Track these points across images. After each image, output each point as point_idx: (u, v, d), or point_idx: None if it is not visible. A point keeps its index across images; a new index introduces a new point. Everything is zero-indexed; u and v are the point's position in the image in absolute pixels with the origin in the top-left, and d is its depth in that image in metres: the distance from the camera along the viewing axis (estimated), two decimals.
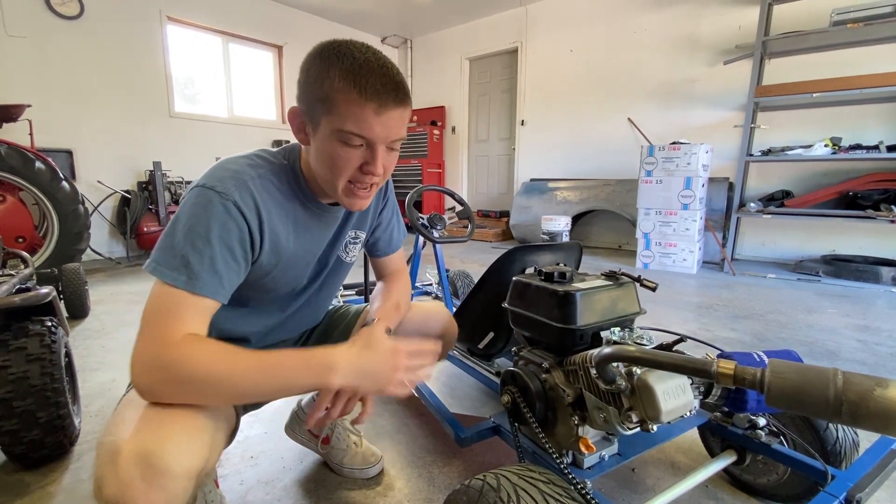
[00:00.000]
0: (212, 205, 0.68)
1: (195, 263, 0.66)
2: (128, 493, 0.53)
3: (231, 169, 0.73)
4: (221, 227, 0.68)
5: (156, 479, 0.54)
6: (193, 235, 0.67)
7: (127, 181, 4.31)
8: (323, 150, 0.73)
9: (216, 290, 0.68)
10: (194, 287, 0.65)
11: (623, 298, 0.92)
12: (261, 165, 0.77)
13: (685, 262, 3.72)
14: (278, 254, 0.79)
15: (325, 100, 0.68)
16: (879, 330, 2.29)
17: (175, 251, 0.66)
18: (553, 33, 5.36)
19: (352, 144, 0.71)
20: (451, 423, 1.06)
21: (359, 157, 0.72)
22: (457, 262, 4.01)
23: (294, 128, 0.76)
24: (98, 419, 1.42)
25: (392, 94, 0.68)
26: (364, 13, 5.75)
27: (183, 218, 0.68)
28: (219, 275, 0.68)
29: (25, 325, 1.17)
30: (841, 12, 3.32)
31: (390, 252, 1.09)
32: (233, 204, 0.69)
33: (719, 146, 4.19)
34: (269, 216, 0.75)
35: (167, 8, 4.48)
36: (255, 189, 0.73)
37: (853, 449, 0.95)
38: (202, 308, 0.67)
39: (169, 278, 0.65)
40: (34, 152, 3.03)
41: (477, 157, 6.52)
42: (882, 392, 0.45)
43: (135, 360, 0.62)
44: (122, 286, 3.15)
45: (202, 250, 0.67)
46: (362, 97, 0.67)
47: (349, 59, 0.67)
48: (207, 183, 0.70)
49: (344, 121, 0.68)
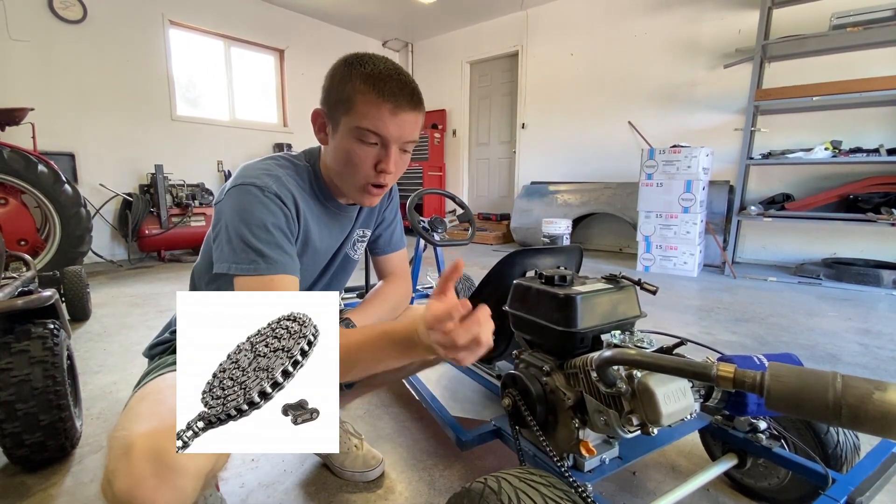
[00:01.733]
0: (257, 199, 0.75)
1: (266, 250, 0.73)
2: (138, 488, 0.53)
3: (262, 168, 0.80)
4: (273, 215, 0.75)
5: (167, 476, 0.55)
6: (253, 227, 0.73)
7: (129, 184, 4.32)
8: (341, 148, 0.79)
9: (293, 267, 0.76)
10: (275, 269, 0.73)
11: (623, 302, 0.92)
12: (286, 166, 0.84)
13: (686, 265, 3.72)
14: (307, 244, 0.86)
15: (345, 101, 0.75)
16: (881, 333, 2.29)
17: (242, 247, 0.72)
18: (554, 37, 5.38)
19: (368, 142, 0.77)
20: (452, 427, 1.06)
21: (374, 155, 0.78)
22: None
23: (316, 127, 0.84)
24: (99, 422, 1.42)
25: (408, 98, 0.75)
26: (366, 17, 5.77)
27: (235, 217, 0.74)
28: (289, 254, 0.76)
29: (28, 328, 1.18)
30: (841, 16, 3.33)
31: (391, 251, 1.10)
32: (274, 195, 0.76)
33: (720, 149, 4.19)
34: (302, 207, 0.82)
35: (170, 12, 4.50)
36: (286, 180, 0.80)
37: (854, 452, 0.95)
38: (287, 285, 0.74)
39: (249, 270, 0.72)
40: (37, 155, 3.04)
41: (478, 160, 6.54)
42: (881, 395, 0.45)
43: None
44: (123, 289, 3.16)
45: (267, 239, 0.74)
46: (380, 98, 0.74)
47: (370, 66, 0.75)
48: (245, 181, 0.76)
49: (361, 119, 0.75)
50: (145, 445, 0.55)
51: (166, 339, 0.89)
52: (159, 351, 0.88)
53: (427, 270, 3.08)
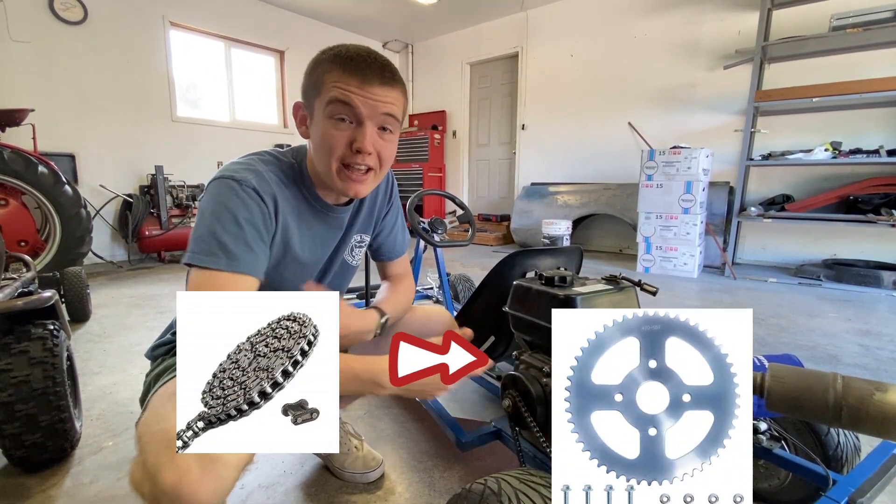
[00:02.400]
0: (233, 191, 0.74)
1: (231, 244, 0.71)
2: (185, 480, 0.55)
3: (244, 162, 0.79)
4: (246, 209, 0.74)
5: (211, 467, 0.57)
6: (223, 220, 0.72)
7: (129, 185, 4.33)
8: (316, 134, 0.79)
9: (255, 267, 0.74)
10: (236, 266, 0.71)
11: (624, 302, 0.92)
12: (270, 162, 0.83)
13: (686, 266, 3.72)
14: (286, 244, 0.83)
15: (316, 83, 0.77)
16: (881, 334, 2.29)
17: (208, 238, 0.71)
18: (553, 38, 5.38)
19: (339, 119, 0.76)
20: (452, 428, 1.06)
21: (348, 134, 0.77)
22: (458, 266, 4.02)
23: (297, 121, 0.83)
24: (99, 423, 1.42)
25: (377, 73, 0.75)
26: (366, 18, 5.78)
27: (209, 208, 0.73)
28: (255, 252, 0.74)
29: (28, 329, 1.17)
30: (840, 17, 3.34)
31: (395, 256, 1.10)
32: (252, 189, 0.75)
33: (720, 150, 4.20)
34: (281, 205, 0.80)
35: (170, 13, 4.51)
36: (269, 178, 0.79)
37: (855, 453, 0.94)
38: (246, 286, 0.72)
39: (209, 263, 0.70)
40: (37, 156, 3.05)
41: (478, 161, 6.54)
42: (882, 396, 0.45)
43: None
44: (123, 290, 3.16)
45: (235, 232, 0.72)
46: (346, 73, 0.74)
47: (340, 48, 0.76)
48: (225, 175, 0.76)
49: (328, 93, 0.75)
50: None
51: (168, 341, 0.88)
52: (162, 352, 0.88)
53: (427, 271, 3.08)
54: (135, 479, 0.60)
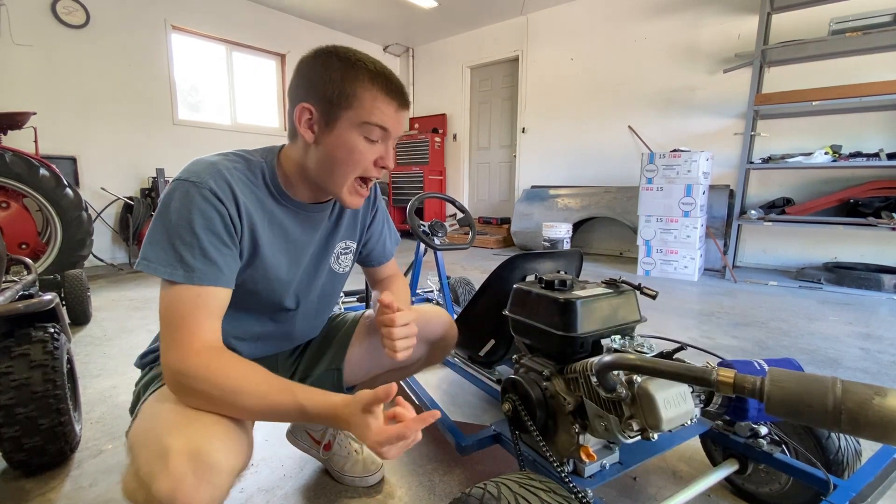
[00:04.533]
0: (189, 196, 0.70)
1: (188, 256, 0.68)
2: (180, 488, 0.55)
3: (206, 162, 0.75)
4: (202, 215, 0.70)
5: (206, 474, 0.57)
6: (179, 229, 0.69)
7: (130, 188, 4.34)
8: (340, 144, 0.77)
9: (217, 277, 0.71)
10: (194, 279, 0.68)
11: (624, 306, 0.92)
12: (235, 160, 0.79)
13: (686, 269, 3.72)
14: (256, 245, 0.79)
15: (349, 96, 0.74)
16: (882, 338, 2.28)
17: (165, 246, 0.69)
18: (554, 42, 5.40)
19: (371, 138, 0.78)
20: (452, 431, 1.06)
21: (375, 150, 0.79)
22: (458, 269, 4.02)
23: (300, 125, 0.77)
24: (99, 426, 1.42)
25: (405, 98, 0.79)
26: (367, 22, 5.80)
27: (164, 212, 0.70)
28: (214, 262, 0.70)
29: (28, 332, 1.18)
30: (839, 21, 3.34)
31: (384, 261, 1.10)
32: (209, 191, 0.71)
33: (720, 154, 4.20)
34: (245, 203, 0.76)
35: (172, 17, 4.53)
36: (231, 178, 0.75)
37: (855, 458, 0.94)
38: (211, 299, 0.70)
39: (166, 274, 0.68)
40: (39, 159, 3.05)
41: (478, 164, 6.55)
42: (881, 401, 0.45)
43: (164, 365, 0.66)
44: (123, 292, 3.16)
45: (191, 242, 0.69)
46: (389, 95, 0.76)
47: (371, 63, 0.76)
48: (183, 176, 0.72)
49: (369, 114, 0.75)
50: (183, 447, 0.58)
51: (156, 349, 0.88)
52: (150, 360, 0.87)
53: (427, 274, 3.08)
54: (128, 489, 0.59)
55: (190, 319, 0.68)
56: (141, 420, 0.68)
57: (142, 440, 0.62)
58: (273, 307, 0.89)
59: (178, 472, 0.56)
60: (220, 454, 0.60)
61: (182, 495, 0.55)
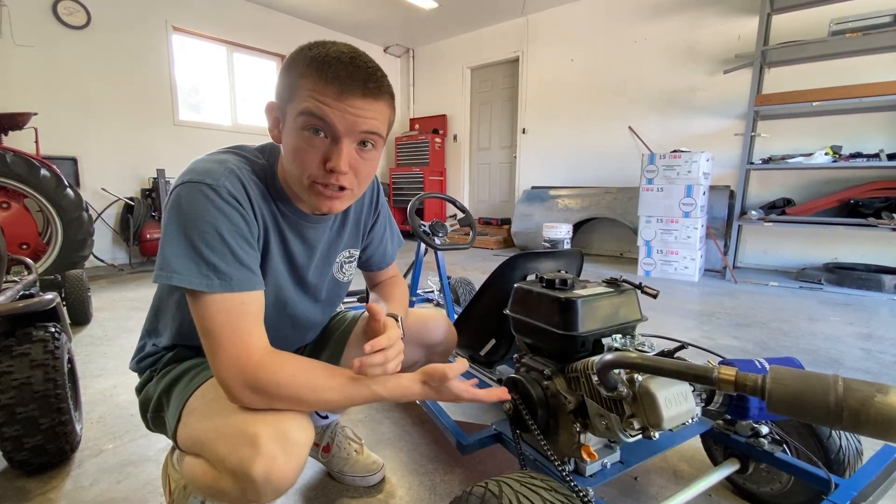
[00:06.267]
0: (207, 199, 0.66)
1: (221, 265, 0.66)
2: (274, 466, 0.63)
3: (215, 160, 0.72)
4: (228, 220, 0.67)
5: (293, 450, 0.65)
6: (206, 236, 0.65)
7: (131, 188, 4.34)
8: (288, 143, 0.70)
9: (254, 282, 0.71)
10: (233, 287, 0.67)
11: (624, 305, 0.92)
12: (242, 159, 0.75)
13: (687, 269, 3.72)
14: (266, 251, 0.78)
15: (290, 87, 0.67)
16: (883, 338, 2.28)
17: (193, 256, 0.65)
18: (554, 43, 5.40)
19: (312, 132, 0.67)
20: (453, 431, 1.06)
21: (322, 150, 0.68)
22: (458, 270, 4.01)
23: (270, 123, 0.74)
24: (100, 425, 1.42)
25: (359, 84, 0.65)
26: (367, 23, 5.81)
27: (181, 218, 0.66)
28: (248, 267, 0.70)
29: (29, 332, 1.18)
30: (839, 22, 3.34)
31: (385, 266, 1.09)
32: (227, 192, 0.68)
33: (720, 154, 4.20)
34: (256, 204, 0.74)
35: (173, 18, 4.53)
36: (244, 178, 0.72)
37: (857, 457, 0.94)
38: (253, 304, 0.70)
39: (202, 286, 0.65)
40: (39, 160, 3.06)
41: (478, 164, 6.55)
42: (883, 398, 0.45)
43: (222, 377, 0.67)
44: (124, 293, 3.16)
45: (221, 250, 0.66)
46: (322, 80, 0.64)
47: (320, 49, 0.67)
48: (194, 178, 0.67)
49: (302, 102, 0.66)
50: (270, 431, 0.64)
51: (152, 352, 0.88)
52: (149, 363, 0.87)
53: (428, 274, 3.08)
54: (202, 481, 0.67)
55: (241, 330, 0.67)
56: (199, 420, 0.72)
57: (214, 435, 0.67)
58: (274, 314, 0.87)
59: (269, 453, 0.63)
60: (300, 432, 0.67)
61: (277, 472, 0.63)
